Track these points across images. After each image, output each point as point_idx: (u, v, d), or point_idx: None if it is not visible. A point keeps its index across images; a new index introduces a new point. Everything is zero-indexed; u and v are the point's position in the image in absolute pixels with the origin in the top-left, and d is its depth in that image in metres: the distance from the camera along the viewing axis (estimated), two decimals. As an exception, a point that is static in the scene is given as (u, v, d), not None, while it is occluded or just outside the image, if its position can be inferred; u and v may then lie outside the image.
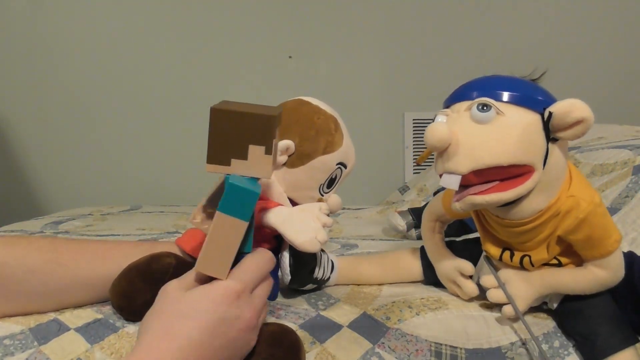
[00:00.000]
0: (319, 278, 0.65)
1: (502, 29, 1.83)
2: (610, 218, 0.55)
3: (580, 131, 0.51)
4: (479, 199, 0.52)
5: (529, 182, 0.52)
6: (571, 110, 0.50)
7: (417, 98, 1.84)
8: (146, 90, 1.78)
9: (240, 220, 0.41)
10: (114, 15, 1.76)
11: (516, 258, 0.59)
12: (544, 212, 0.54)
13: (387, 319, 0.58)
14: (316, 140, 0.57)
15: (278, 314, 0.59)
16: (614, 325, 0.56)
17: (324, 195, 0.61)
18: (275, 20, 1.79)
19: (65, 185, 1.82)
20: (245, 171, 0.42)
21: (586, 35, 1.83)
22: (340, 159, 0.60)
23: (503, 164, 0.50)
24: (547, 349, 0.57)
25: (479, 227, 0.63)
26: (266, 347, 0.47)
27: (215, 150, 0.41)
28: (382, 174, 1.87)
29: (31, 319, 0.56)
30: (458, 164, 0.51)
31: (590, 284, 0.56)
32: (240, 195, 0.41)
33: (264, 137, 0.42)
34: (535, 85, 0.55)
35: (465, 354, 0.55)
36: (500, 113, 0.51)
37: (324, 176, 0.59)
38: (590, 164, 0.97)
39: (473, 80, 0.56)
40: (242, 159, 0.42)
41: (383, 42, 1.83)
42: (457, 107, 0.54)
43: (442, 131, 0.50)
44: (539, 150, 0.52)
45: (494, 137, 0.50)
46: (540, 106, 0.52)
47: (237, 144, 0.41)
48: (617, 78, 1.84)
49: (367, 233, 1.17)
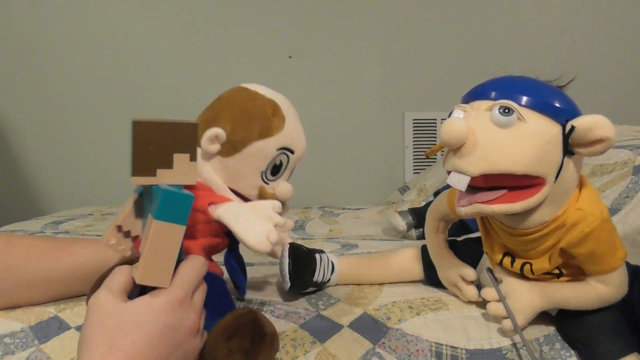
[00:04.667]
0: (318, 281, 0.65)
1: (504, 29, 1.83)
2: (616, 234, 0.53)
3: (599, 150, 0.48)
4: (486, 208, 0.50)
5: (538, 195, 0.50)
6: (595, 127, 0.47)
7: (417, 98, 1.85)
8: (146, 90, 1.78)
9: (178, 226, 0.42)
10: (114, 15, 1.76)
11: (517, 264, 0.58)
12: (550, 223, 0.52)
13: (387, 319, 0.58)
14: (249, 126, 0.54)
15: (278, 314, 0.59)
16: (615, 333, 0.55)
17: (268, 183, 0.56)
18: (276, 20, 1.79)
19: (65, 185, 1.82)
20: (172, 179, 0.43)
21: (586, 35, 1.83)
22: (282, 144, 0.55)
23: (516, 172, 0.48)
24: (548, 350, 0.57)
25: (482, 230, 0.62)
26: (224, 344, 0.46)
27: (140, 162, 0.42)
28: (382, 174, 1.88)
29: (32, 317, 0.56)
30: (470, 164, 0.48)
31: (591, 300, 0.54)
32: (176, 201, 0.42)
33: (188, 145, 0.43)
34: (561, 93, 0.52)
35: (465, 354, 0.55)
36: (522, 119, 0.48)
37: (263, 163, 0.55)
38: (590, 164, 0.97)
39: (497, 79, 0.53)
40: (168, 167, 0.43)
41: (383, 42, 1.84)
42: (477, 105, 0.51)
43: (459, 128, 0.48)
44: (554, 163, 0.49)
45: (512, 143, 0.48)
46: (563, 117, 0.49)
47: (162, 154, 0.43)
48: (617, 78, 1.84)
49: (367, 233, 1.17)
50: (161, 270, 0.42)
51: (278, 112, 0.56)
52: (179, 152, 0.43)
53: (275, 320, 0.58)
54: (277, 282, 0.70)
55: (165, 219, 0.41)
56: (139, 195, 0.48)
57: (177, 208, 0.42)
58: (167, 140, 0.42)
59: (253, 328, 0.48)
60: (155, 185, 0.43)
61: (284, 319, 0.58)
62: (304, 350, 0.53)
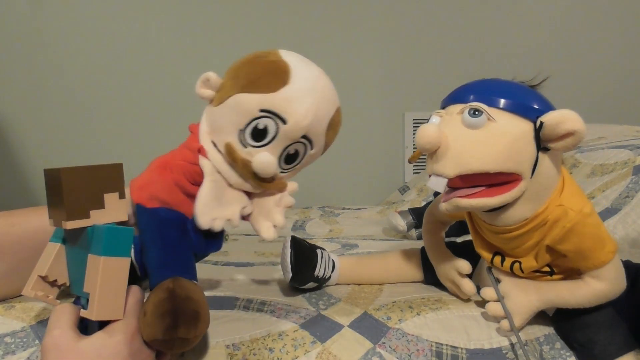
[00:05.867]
0: (319, 276, 0.65)
1: (503, 29, 1.83)
2: (603, 228, 0.54)
3: (570, 143, 0.50)
4: (464, 202, 0.52)
5: (515, 190, 0.51)
6: (562, 121, 0.49)
7: (417, 98, 1.85)
8: (146, 90, 1.78)
9: (124, 258, 0.44)
10: (114, 15, 1.76)
11: (507, 263, 0.59)
12: (530, 220, 0.54)
13: (388, 319, 0.58)
14: (237, 77, 0.51)
15: (279, 314, 0.59)
16: (612, 332, 0.55)
17: (246, 147, 0.51)
18: (275, 20, 1.80)
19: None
20: (105, 218, 0.45)
21: (587, 35, 1.83)
22: (268, 107, 0.49)
23: (490, 170, 0.50)
24: (548, 350, 0.57)
25: (472, 231, 0.63)
26: (162, 326, 0.44)
27: (72, 207, 0.43)
28: (382, 174, 1.88)
29: (32, 315, 0.56)
30: (445, 167, 0.51)
31: (588, 297, 0.54)
32: (119, 236, 0.44)
33: (116, 184, 0.45)
34: (532, 91, 0.54)
35: (466, 354, 0.55)
36: (491, 119, 0.50)
37: (241, 120, 0.50)
38: (590, 164, 0.97)
39: (470, 83, 0.56)
40: (100, 208, 0.45)
41: (383, 42, 1.84)
42: (451, 109, 0.54)
43: (431, 133, 0.50)
44: (528, 159, 0.51)
45: (482, 143, 0.50)
46: (534, 114, 0.51)
47: (93, 196, 0.44)
48: (617, 78, 1.84)
49: (367, 233, 1.17)
50: (114, 303, 0.44)
51: (282, 74, 0.51)
52: (109, 192, 0.45)
53: (276, 320, 0.58)
54: (278, 282, 0.70)
55: (112, 254, 0.43)
56: (61, 243, 0.49)
57: (121, 242, 0.44)
58: (96, 182, 0.44)
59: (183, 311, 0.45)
60: (90, 226, 0.44)
61: (285, 318, 0.58)
62: (305, 350, 0.53)
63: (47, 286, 0.48)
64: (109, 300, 0.44)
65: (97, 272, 0.42)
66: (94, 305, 0.43)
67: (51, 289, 0.48)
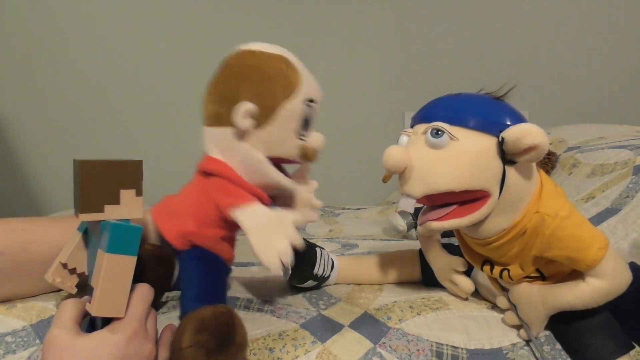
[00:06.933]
0: (319, 275, 0.66)
1: (503, 29, 1.83)
2: (587, 227, 0.53)
3: (534, 156, 0.50)
4: (435, 225, 0.53)
5: (484, 207, 0.52)
6: (523, 136, 0.48)
7: (417, 98, 1.82)
8: (146, 90, 1.78)
9: (130, 257, 0.44)
10: (114, 15, 1.76)
11: (496, 271, 0.59)
12: (509, 230, 0.54)
13: (388, 319, 0.59)
14: (272, 90, 0.53)
15: (279, 314, 0.59)
16: (604, 336, 0.54)
17: (303, 139, 0.56)
18: (275, 20, 1.80)
19: (65, 185, 1.81)
20: (119, 215, 0.45)
21: (587, 35, 1.83)
22: (305, 96, 0.55)
23: (455, 189, 0.51)
24: (549, 350, 0.57)
25: (460, 242, 0.63)
26: (192, 334, 0.46)
27: (88, 200, 0.43)
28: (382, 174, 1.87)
29: (33, 315, 0.57)
30: (412, 188, 0.52)
31: (593, 297, 0.53)
32: (126, 234, 0.43)
33: (133, 181, 0.45)
34: (497, 105, 0.53)
35: (466, 354, 0.55)
36: (453, 138, 0.51)
37: (296, 122, 0.55)
38: (590, 164, 0.97)
39: (435, 101, 0.56)
40: (115, 203, 0.44)
41: (383, 43, 1.84)
42: (417, 129, 0.54)
43: (395, 156, 0.52)
44: (494, 175, 0.51)
45: (446, 163, 0.51)
46: (497, 130, 0.50)
47: (110, 191, 0.44)
48: (617, 78, 1.84)
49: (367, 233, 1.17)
50: (116, 301, 0.44)
51: (290, 65, 0.55)
52: (126, 188, 0.45)
53: (276, 320, 0.58)
54: (278, 282, 0.70)
55: (117, 251, 0.43)
56: (83, 233, 0.49)
57: (127, 240, 0.43)
58: (114, 177, 0.44)
59: (225, 331, 0.47)
60: (104, 220, 0.44)
61: (285, 318, 0.58)
62: (305, 350, 0.53)
63: (67, 273, 0.49)
64: (110, 297, 0.43)
65: (101, 269, 0.42)
66: (95, 301, 0.43)
67: (70, 276, 0.49)
